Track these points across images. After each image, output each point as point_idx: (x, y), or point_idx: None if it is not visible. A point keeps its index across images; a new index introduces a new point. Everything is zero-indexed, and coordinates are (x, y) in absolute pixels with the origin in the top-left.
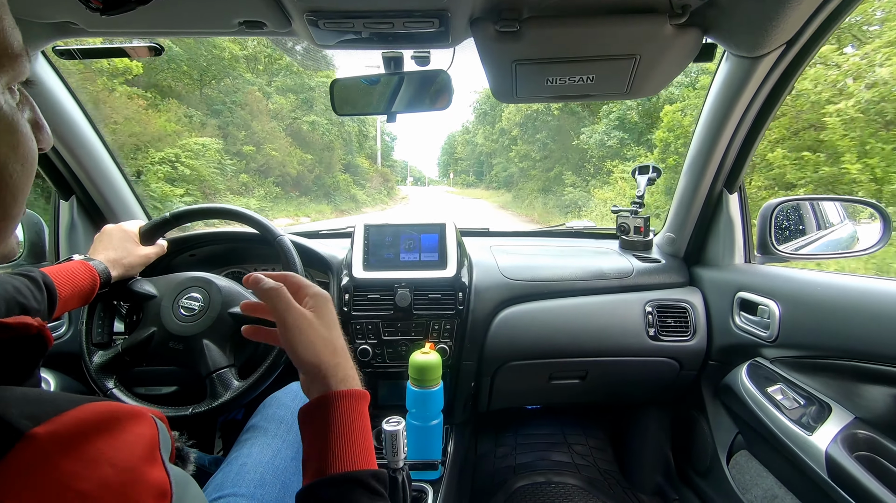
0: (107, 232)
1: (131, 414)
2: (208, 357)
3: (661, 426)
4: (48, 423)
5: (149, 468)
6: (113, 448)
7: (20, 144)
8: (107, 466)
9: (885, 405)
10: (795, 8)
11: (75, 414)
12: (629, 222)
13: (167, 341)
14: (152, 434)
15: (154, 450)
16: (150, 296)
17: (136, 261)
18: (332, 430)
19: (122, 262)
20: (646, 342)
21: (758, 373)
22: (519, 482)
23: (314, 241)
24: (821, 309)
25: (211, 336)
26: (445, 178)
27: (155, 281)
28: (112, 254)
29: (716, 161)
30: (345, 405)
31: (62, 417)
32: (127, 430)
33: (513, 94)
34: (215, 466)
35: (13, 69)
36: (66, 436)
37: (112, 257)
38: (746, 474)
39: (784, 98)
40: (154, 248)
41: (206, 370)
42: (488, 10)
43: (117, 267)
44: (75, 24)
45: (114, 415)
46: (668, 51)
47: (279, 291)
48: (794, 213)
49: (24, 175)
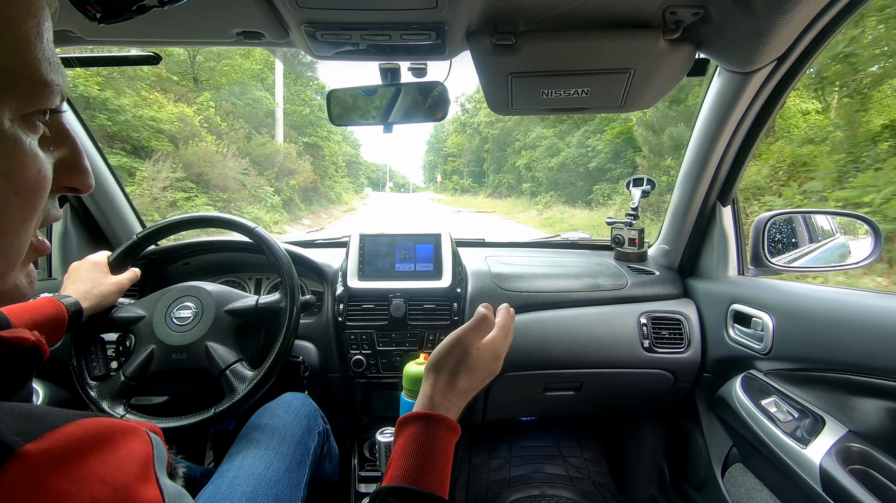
0: (73, 267)
1: (124, 430)
2: (216, 356)
3: (656, 438)
4: (40, 440)
5: (142, 486)
6: (105, 465)
7: (16, 171)
8: (99, 485)
9: (878, 418)
10: (786, 25)
11: (67, 430)
12: (624, 234)
13: (169, 354)
14: (146, 450)
15: (148, 467)
16: (139, 318)
17: (108, 290)
18: (437, 448)
19: (93, 293)
20: (640, 354)
21: (752, 386)
22: (513, 495)
23: (309, 249)
24: (814, 321)
25: (213, 337)
26: (432, 182)
27: (140, 302)
28: (81, 287)
29: (709, 174)
30: (450, 435)
31: (54, 434)
32: (120, 447)
33: (508, 107)
34: (206, 478)
35: (28, 96)
36: (57, 453)
37: (81, 289)
38: (741, 487)
39: (776, 112)
40: (127, 274)
41: (218, 369)
42: (485, 23)
43: (89, 298)
44: (73, 33)
45: (106, 431)
46: (661, 65)
47: (483, 321)
48: (787, 226)
49: (17, 206)
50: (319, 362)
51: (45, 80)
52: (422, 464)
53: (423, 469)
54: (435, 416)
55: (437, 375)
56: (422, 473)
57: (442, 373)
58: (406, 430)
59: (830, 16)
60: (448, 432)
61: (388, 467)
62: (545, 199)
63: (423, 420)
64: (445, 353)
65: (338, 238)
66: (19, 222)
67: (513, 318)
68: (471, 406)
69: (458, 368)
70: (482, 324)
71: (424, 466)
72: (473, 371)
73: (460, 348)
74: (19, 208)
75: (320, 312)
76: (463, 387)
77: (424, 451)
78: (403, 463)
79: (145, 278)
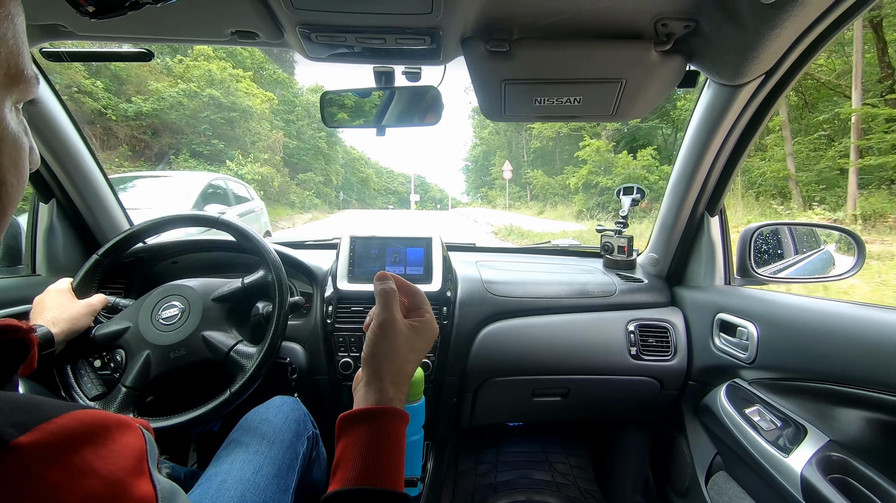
0: (37, 300)
1: (119, 423)
2: (216, 343)
3: (642, 446)
4: (34, 432)
5: (136, 481)
6: (100, 458)
7: (21, 159)
8: (93, 478)
9: (858, 428)
10: (774, 40)
11: (62, 422)
12: (613, 241)
13: (167, 354)
14: (140, 445)
15: (142, 462)
16: (123, 330)
17: (79, 312)
18: (381, 445)
19: (62, 318)
20: (628, 361)
21: (736, 395)
22: (499, 501)
23: (299, 251)
24: (798, 332)
25: (207, 326)
26: (476, 193)
27: (120, 315)
28: (49, 315)
29: (698, 185)
30: (395, 424)
31: (48, 425)
32: (115, 440)
33: (501, 113)
34: (191, 479)
35: (24, 90)
36: (51, 445)
37: (49, 317)
38: (724, 495)
39: (764, 125)
40: (97, 297)
41: (222, 354)
42: (479, 29)
43: (59, 323)
44: (64, 27)
45: (101, 424)
46: (652, 76)
47: (391, 295)
48: (773, 238)
49: (17, 189)
50: (307, 364)
51: (34, 74)
52: (384, 463)
53: (388, 469)
54: (389, 410)
55: (385, 363)
56: (384, 475)
57: (385, 362)
58: (359, 428)
59: (817, 32)
60: (401, 423)
61: (340, 468)
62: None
63: (377, 415)
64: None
65: (328, 240)
66: (15, 204)
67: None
68: (458, 411)
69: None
70: (392, 297)
71: (387, 466)
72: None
73: (395, 333)
74: (18, 190)
75: (309, 314)
76: (410, 370)
77: (380, 450)
78: (365, 464)
79: (133, 278)
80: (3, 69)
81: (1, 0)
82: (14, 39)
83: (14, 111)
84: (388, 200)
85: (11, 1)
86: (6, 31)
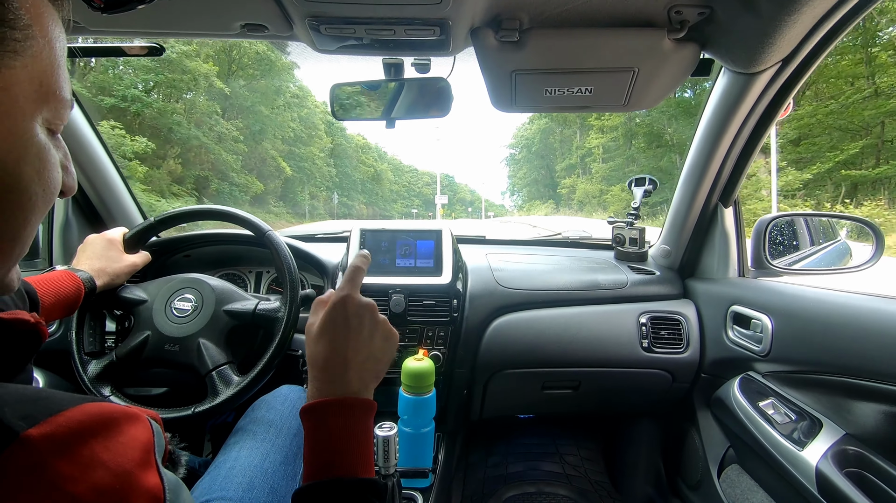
0: (90, 241)
1: (127, 415)
2: (206, 355)
3: (653, 438)
4: (43, 424)
5: (143, 473)
6: (108, 450)
7: (45, 171)
8: (101, 470)
9: (874, 422)
10: (791, 26)
11: (71, 414)
12: (624, 233)
13: (162, 344)
14: (148, 437)
15: (149, 454)
16: (141, 301)
17: (121, 270)
18: (341, 435)
19: (107, 271)
20: (639, 353)
21: (750, 388)
22: (509, 492)
23: (310, 244)
24: (813, 324)
25: (207, 334)
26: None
27: (144, 286)
28: (97, 264)
29: (711, 175)
30: (355, 413)
31: (57, 418)
32: (123, 433)
33: (512, 104)
34: (206, 469)
35: (55, 110)
36: (60, 437)
37: (97, 266)
38: (737, 488)
39: (780, 114)
40: (140, 256)
41: (206, 368)
42: (489, 19)
43: (102, 275)
44: (76, 23)
45: (110, 416)
46: (665, 65)
47: (359, 269)
48: (789, 229)
49: (43, 200)
50: None
51: (68, 98)
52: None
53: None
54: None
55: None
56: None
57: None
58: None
59: (836, 18)
60: (369, 414)
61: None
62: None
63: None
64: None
65: (339, 233)
66: (39, 215)
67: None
68: (468, 403)
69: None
70: (357, 275)
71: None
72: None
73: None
74: (43, 204)
75: None
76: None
77: (350, 441)
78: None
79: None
80: (35, 84)
81: (42, 23)
82: (49, 60)
83: (46, 131)
84: (412, 204)
85: (53, 24)
86: (41, 50)
